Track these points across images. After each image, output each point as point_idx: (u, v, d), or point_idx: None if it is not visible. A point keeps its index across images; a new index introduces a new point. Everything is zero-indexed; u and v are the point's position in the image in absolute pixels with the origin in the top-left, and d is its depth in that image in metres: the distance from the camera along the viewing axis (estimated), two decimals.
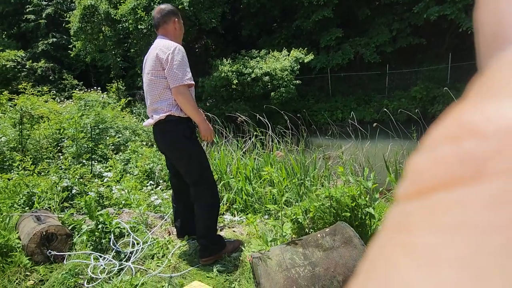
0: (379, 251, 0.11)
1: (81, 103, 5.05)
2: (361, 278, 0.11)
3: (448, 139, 0.10)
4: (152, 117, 1.92)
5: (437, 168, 0.10)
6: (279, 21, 14.92)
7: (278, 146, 5.36)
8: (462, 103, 0.11)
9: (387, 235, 0.11)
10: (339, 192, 1.55)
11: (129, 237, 2.16)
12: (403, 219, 0.10)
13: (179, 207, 2.15)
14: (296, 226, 1.63)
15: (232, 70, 10.56)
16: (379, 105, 11.97)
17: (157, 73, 1.83)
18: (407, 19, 12.51)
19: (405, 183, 0.11)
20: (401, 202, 0.11)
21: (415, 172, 0.11)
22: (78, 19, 12.08)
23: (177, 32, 1.98)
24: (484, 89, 0.11)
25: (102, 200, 2.99)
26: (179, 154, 1.93)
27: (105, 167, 3.91)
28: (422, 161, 0.11)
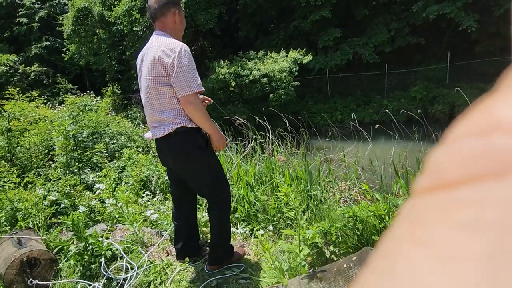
0: (393, 244, 0.10)
1: (73, 109, 4.82)
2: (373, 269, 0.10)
3: (476, 133, 0.10)
4: (154, 129, 1.67)
5: (461, 162, 0.10)
6: (277, 22, 14.74)
7: (278, 150, 5.16)
8: (491, 96, 0.11)
9: (403, 227, 0.10)
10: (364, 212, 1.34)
11: (123, 260, 1.93)
12: (421, 213, 0.10)
13: (181, 223, 1.94)
14: (314, 252, 1.42)
15: (229, 72, 10.35)
16: (378, 105, 11.81)
17: (160, 79, 1.57)
18: (406, 18, 12.38)
19: (427, 176, 0.11)
20: (420, 196, 0.11)
21: (437, 165, 0.11)
22: (72, 22, 11.82)
23: (177, 26, 1.69)
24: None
25: (94, 215, 2.75)
26: (193, 168, 1.72)
27: (98, 176, 3.67)
28: (445, 155, 0.11)
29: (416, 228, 0.10)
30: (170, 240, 2.30)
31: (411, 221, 0.10)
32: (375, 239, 1.33)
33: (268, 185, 3.78)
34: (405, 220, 0.10)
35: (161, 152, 1.78)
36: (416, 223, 0.10)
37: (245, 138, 5.64)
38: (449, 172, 0.10)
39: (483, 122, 0.10)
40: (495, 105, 0.10)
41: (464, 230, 0.09)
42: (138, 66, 1.74)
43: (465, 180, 0.10)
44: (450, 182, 0.10)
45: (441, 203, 0.10)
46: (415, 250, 0.09)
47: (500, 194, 0.09)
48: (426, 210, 0.10)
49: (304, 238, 1.47)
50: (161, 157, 1.83)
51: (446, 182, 0.10)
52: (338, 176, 4.62)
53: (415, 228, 0.10)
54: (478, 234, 0.09)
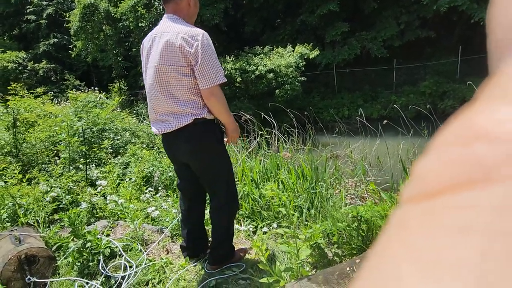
0: (383, 249, 0.11)
1: (77, 105, 4.81)
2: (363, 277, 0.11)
3: (458, 142, 0.10)
4: (164, 122, 1.56)
5: (445, 171, 0.10)
6: (283, 16, 14.55)
7: (284, 146, 5.09)
8: (472, 106, 0.11)
9: (392, 234, 0.11)
10: (369, 212, 1.27)
11: (121, 258, 1.89)
12: (408, 220, 0.10)
13: (193, 222, 1.88)
14: (317, 253, 1.35)
15: (235, 68, 10.26)
16: (386, 101, 11.60)
17: (180, 69, 1.46)
18: (416, 11, 12.07)
19: (412, 185, 0.11)
20: (408, 204, 0.11)
21: (422, 174, 0.11)
22: (78, 18, 11.86)
23: (191, 9, 1.57)
24: (496, 92, 0.11)
25: (95, 211, 2.73)
26: (209, 162, 1.64)
27: (102, 172, 3.66)
28: (430, 164, 0.11)
29: (404, 234, 0.10)
30: (171, 238, 2.26)
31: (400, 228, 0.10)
32: None
33: (274, 181, 3.72)
34: (395, 229, 0.11)
35: (172, 146, 1.65)
36: (404, 230, 0.10)
37: (251, 134, 5.58)
38: (433, 181, 0.10)
39: (464, 132, 0.10)
40: (476, 114, 0.10)
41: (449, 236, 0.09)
42: (145, 51, 1.59)
43: (449, 188, 0.10)
44: (434, 191, 0.10)
45: (427, 211, 0.10)
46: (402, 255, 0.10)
47: (482, 201, 0.09)
48: (413, 219, 0.10)
49: (308, 238, 1.40)
50: (171, 152, 1.71)
51: (430, 191, 0.10)
52: (344, 173, 4.54)
53: (403, 234, 0.10)
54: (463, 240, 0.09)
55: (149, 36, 1.61)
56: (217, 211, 1.77)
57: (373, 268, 0.10)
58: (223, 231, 1.79)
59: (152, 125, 1.69)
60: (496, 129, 0.10)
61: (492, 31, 0.13)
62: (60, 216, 1.94)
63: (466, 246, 0.09)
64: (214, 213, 1.78)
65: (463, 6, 10.13)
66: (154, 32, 1.58)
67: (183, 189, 1.86)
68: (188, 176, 1.80)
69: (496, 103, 0.10)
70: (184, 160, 1.68)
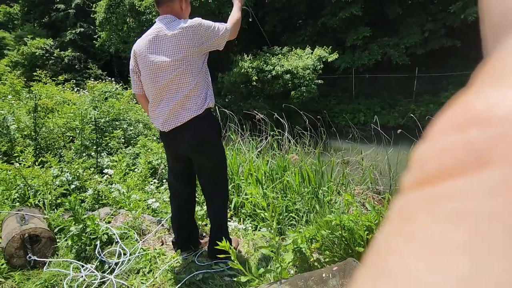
0: (383, 241, 0.11)
1: (94, 94, 4.98)
2: (366, 266, 0.11)
3: (453, 128, 0.11)
4: (174, 118, 1.62)
5: (441, 157, 0.10)
6: (305, 18, 14.45)
7: (295, 148, 5.09)
8: (467, 91, 0.11)
9: (392, 224, 0.11)
10: (353, 221, 1.27)
11: (117, 245, 1.97)
12: (407, 209, 0.11)
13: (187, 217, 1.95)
14: (298, 257, 1.37)
15: (252, 67, 10.30)
16: (405, 109, 11.34)
17: (188, 61, 1.56)
18: (442, 19, 11.72)
19: (410, 173, 0.11)
20: (406, 193, 0.11)
21: (419, 162, 0.11)
22: (104, 10, 12.22)
23: (182, 13, 1.66)
24: (489, 77, 0.11)
25: (100, 198, 2.84)
26: (212, 152, 1.74)
27: (112, 161, 3.78)
28: (426, 151, 0.11)
29: (403, 223, 0.10)
30: (168, 229, 2.33)
31: (399, 217, 0.11)
32: (360, 251, 1.25)
33: (278, 182, 3.73)
34: (393, 217, 0.11)
35: (176, 140, 1.70)
36: (404, 219, 0.10)
37: (263, 134, 5.61)
38: (430, 168, 0.10)
39: (460, 117, 0.10)
40: (471, 100, 0.11)
41: (447, 222, 0.09)
42: (142, 54, 1.62)
43: (446, 174, 0.10)
44: (432, 177, 0.10)
45: (424, 198, 0.10)
46: (403, 244, 0.10)
47: (479, 185, 0.09)
48: (411, 206, 0.10)
49: (294, 241, 1.42)
50: (173, 146, 1.76)
51: (428, 177, 0.10)
52: (353, 180, 4.49)
53: (403, 224, 0.10)
54: (461, 224, 0.09)
55: (144, 37, 1.64)
56: (212, 204, 1.83)
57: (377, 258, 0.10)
58: (220, 224, 1.85)
59: (156, 122, 1.71)
60: (489, 113, 0.10)
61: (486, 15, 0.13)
62: (62, 201, 2.04)
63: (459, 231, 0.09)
64: (212, 206, 1.84)
65: None
66: (151, 33, 1.62)
67: (175, 185, 1.91)
68: (185, 172, 1.86)
69: (490, 87, 0.10)
70: (188, 154, 1.73)
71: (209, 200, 1.85)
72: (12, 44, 15.99)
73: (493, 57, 0.11)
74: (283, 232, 2.64)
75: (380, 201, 3.43)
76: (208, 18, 2.27)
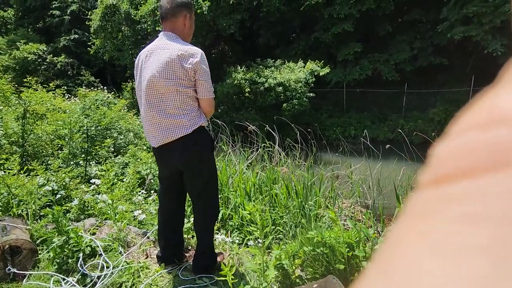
0: (398, 237, 0.11)
1: (85, 102, 4.97)
2: (379, 262, 0.11)
3: (476, 127, 0.10)
4: (164, 133, 1.64)
5: (462, 156, 0.10)
6: (298, 32, 14.76)
7: (285, 160, 5.12)
8: (492, 90, 0.11)
9: (407, 220, 0.11)
10: (334, 238, 1.30)
11: (101, 258, 1.95)
12: (424, 206, 0.10)
13: (173, 230, 1.95)
14: (280, 273, 1.38)
15: (245, 78, 10.41)
16: (394, 124, 11.56)
17: (181, 81, 1.58)
18: (430, 38, 12.12)
19: (429, 170, 0.11)
20: (424, 189, 0.11)
21: (439, 159, 0.11)
22: (99, 18, 12.28)
23: (186, 30, 1.69)
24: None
25: (86, 209, 2.81)
26: (201, 168, 1.75)
27: (101, 170, 3.75)
28: (447, 149, 0.11)
29: (419, 221, 0.10)
30: (154, 242, 2.31)
31: (415, 214, 0.10)
32: (341, 268, 1.27)
33: (267, 195, 3.74)
34: (409, 214, 0.11)
35: (168, 154, 1.71)
36: (419, 216, 0.10)
37: (254, 145, 5.64)
38: (451, 166, 0.10)
39: (485, 116, 0.10)
40: (497, 98, 0.10)
41: (465, 222, 0.09)
42: (140, 66, 1.68)
43: (467, 173, 0.10)
44: (452, 175, 0.10)
45: (443, 196, 0.10)
46: (418, 243, 0.10)
47: (501, 186, 0.09)
48: (428, 203, 0.10)
49: (275, 258, 1.44)
50: (164, 160, 1.76)
51: (449, 176, 0.10)
52: (341, 193, 4.53)
53: (418, 221, 0.10)
54: (479, 225, 0.09)
55: (145, 51, 1.69)
56: (204, 218, 1.83)
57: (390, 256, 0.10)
58: (207, 238, 1.85)
59: (148, 137, 1.73)
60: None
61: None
62: (45, 212, 2.02)
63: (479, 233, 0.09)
64: (198, 221, 1.84)
65: (478, 37, 10.13)
66: (151, 47, 1.67)
67: (165, 197, 1.91)
68: (175, 187, 1.87)
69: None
70: (180, 168, 1.75)
71: (198, 214, 1.86)
72: (4, 48, 15.85)
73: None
74: (269, 246, 2.65)
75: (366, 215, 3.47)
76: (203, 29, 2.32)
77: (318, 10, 12.60)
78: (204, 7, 10.77)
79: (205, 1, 11.00)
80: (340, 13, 11.92)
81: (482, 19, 9.95)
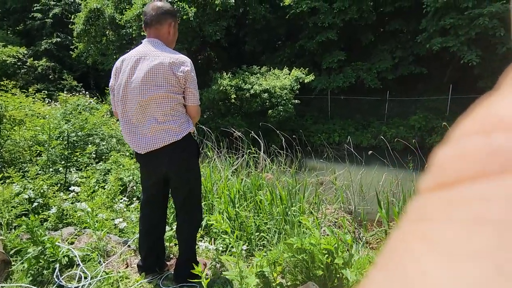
0: (400, 241, 0.11)
1: (66, 107, 4.85)
2: (381, 266, 0.11)
3: (476, 132, 0.10)
4: (152, 139, 1.62)
5: (463, 161, 0.10)
6: (283, 40, 14.98)
7: (270, 166, 5.15)
8: (493, 96, 0.11)
9: (409, 225, 0.11)
10: (314, 245, 1.32)
11: (78, 269, 1.89)
12: (426, 210, 0.10)
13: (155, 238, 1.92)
14: (261, 281, 1.39)
15: (231, 84, 10.45)
16: (377, 131, 11.84)
17: (171, 88, 1.60)
18: (410, 48, 12.55)
19: (430, 174, 0.11)
20: (425, 194, 0.11)
21: (440, 164, 0.11)
22: (83, 21, 12.07)
23: (170, 38, 1.71)
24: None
25: (64, 217, 2.73)
26: (189, 175, 1.76)
27: (82, 177, 3.66)
28: (448, 154, 0.11)
29: (422, 225, 0.10)
30: (134, 251, 2.27)
31: (417, 218, 0.10)
32: (319, 274, 1.29)
33: (251, 201, 3.75)
34: (411, 218, 0.11)
35: (154, 161, 1.69)
36: (421, 221, 0.10)
37: (239, 151, 5.64)
38: (452, 171, 0.10)
39: (485, 121, 0.10)
40: (497, 104, 0.10)
41: (467, 226, 0.09)
42: (125, 72, 1.62)
43: (468, 178, 0.10)
44: (453, 180, 0.10)
45: (444, 201, 0.10)
46: (420, 246, 0.10)
47: (501, 191, 0.09)
48: (430, 208, 0.10)
49: (258, 264, 1.44)
50: (150, 167, 1.74)
51: (450, 181, 0.10)
52: (325, 199, 4.59)
53: (421, 225, 0.10)
54: (481, 230, 0.09)
55: (130, 56, 1.67)
56: (188, 226, 1.82)
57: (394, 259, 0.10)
58: (190, 246, 1.84)
59: (132, 144, 1.69)
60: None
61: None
62: (18, 223, 1.95)
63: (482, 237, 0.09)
64: (184, 228, 1.83)
65: (454, 48, 10.56)
66: (137, 53, 1.65)
67: (147, 205, 1.89)
68: (160, 193, 1.85)
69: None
70: (166, 175, 1.74)
71: (182, 222, 1.84)
72: None
73: None
74: (253, 253, 2.64)
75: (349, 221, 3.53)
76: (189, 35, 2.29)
77: (303, 19, 12.85)
78: (190, 13, 10.78)
79: (191, 8, 11.01)
80: (324, 22, 12.19)
81: (458, 30, 10.40)
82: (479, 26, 9.89)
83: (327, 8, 12.23)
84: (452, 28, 10.59)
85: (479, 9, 9.82)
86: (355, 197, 4.94)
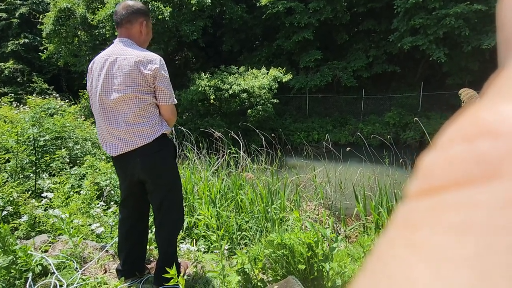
0: (387, 248, 0.11)
1: (36, 110, 4.64)
2: (368, 273, 0.11)
3: (462, 139, 0.10)
4: (123, 141, 1.58)
5: (449, 167, 0.10)
6: (261, 39, 15.06)
7: (251, 166, 5.17)
8: (478, 102, 0.11)
9: (396, 231, 0.11)
10: (294, 239, 1.35)
11: (53, 277, 1.83)
12: (412, 217, 0.11)
13: (134, 242, 1.87)
14: (243, 278, 1.40)
15: (209, 85, 10.38)
16: (354, 128, 12.15)
17: (140, 88, 1.55)
18: (383, 47, 12.97)
19: (417, 181, 0.11)
20: (411, 200, 0.11)
21: (427, 170, 0.11)
22: (52, 21, 11.57)
23: (142, 37, 1.66)
24: (501, 89, 0.11)
25: (37, 225, 2.62)
26: (165, 178, 1.71)
27: (55, 183, 3.52)
28: (434, 160, 0.11)
29: (409, 232, 0.10)
30: (113, 256, 2.22)
31: (404, 225, 0.11)
32: (301, 268, 1.32)
33: (232, 201, 3.75)
34: (398, 224, 0.11)
35: (129, 164, 1.66)
36: (408, 227, 0.10)
37: (220, 152, 5.62)
38: (438, 177, 0.10)
39: (470, 128, 0.10)
40: (482, 110, 0.10)
41: (453, 233, 0.09)
42: (95, 72, 1.61)
43: (453, 184, 0.10)
44: (439, 186, 0.10)
45: (430, 207, 0.10)
46: (408, 253, 0.10)
47: (487, 197, 0.09)
48: (417, 214, 0.10)
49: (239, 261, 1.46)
50: (126, 170, 1.70)
51: (435, 187, 0.10)
52: (305, 196, 4.67)
53: (408, 232, 0.10)
54: (467, 236, 0.09)
55: (100, 57, 1.64)
56: (167, 228, 1.78)
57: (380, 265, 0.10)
58: (170, 249, 1.80)
59: (105, 146, 1.67)
60: (500, 126, 0.10)
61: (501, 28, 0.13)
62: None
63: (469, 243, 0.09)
64: (163, 231, 1.79)
65: (424, 46, 11.02)
66: (106, 53, 1.62)
67: (131, 209, 1.84)
68: (137, 195, 1.81)
69: (502, 99, 0.10)
70: (141, 177, 1.70)
71: (160, 224, 1.81)
72: None
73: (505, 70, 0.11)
74: (235, 252, 2.65)
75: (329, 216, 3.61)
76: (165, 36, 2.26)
77: (280, 19, 12.97)
78: (165, 13, 10.61)
79: (167, 7, 10.84)
80: (301, 22, 12.37)
81: (427, 30, 10.87)
82: (446, 26, 10.38)
83: (302, 8, 12.41)
84: (421, 28, 11.05)
85: (446, 10, 10.31)
86: (334, 193, 5.06)
